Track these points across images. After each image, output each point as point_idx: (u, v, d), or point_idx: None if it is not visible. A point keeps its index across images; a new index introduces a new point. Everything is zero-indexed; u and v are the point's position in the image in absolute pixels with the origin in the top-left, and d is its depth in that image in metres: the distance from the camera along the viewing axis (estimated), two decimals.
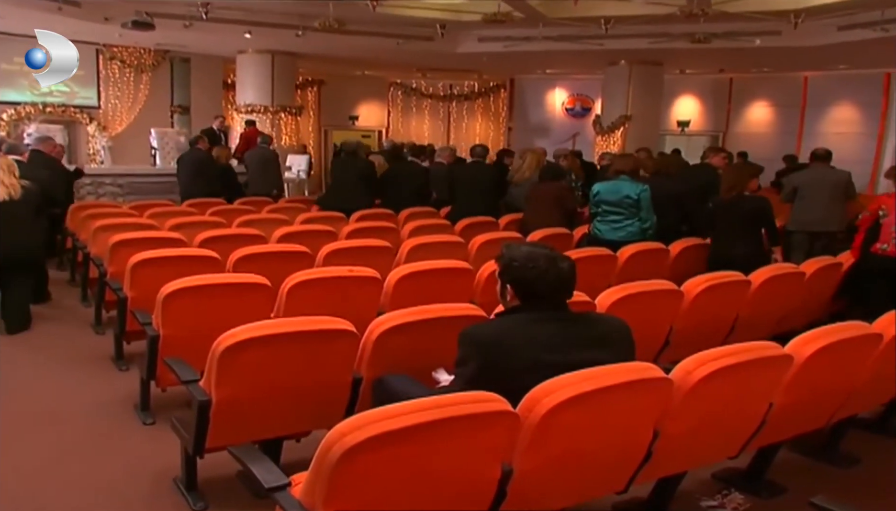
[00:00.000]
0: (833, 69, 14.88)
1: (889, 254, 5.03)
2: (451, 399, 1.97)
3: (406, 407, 1.90)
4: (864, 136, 15.04)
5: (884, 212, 5.16)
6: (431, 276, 4.25)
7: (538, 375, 2.21)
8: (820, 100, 15.59)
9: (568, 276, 2.44)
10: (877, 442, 3.71)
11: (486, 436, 2.03)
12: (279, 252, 4.79)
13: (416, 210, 7.41)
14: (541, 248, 2.50)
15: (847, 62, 14.15)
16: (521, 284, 2.43)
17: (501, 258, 2.52)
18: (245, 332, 2.71)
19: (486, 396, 2.02)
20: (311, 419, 3.04)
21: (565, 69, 16.63)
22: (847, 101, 15.39)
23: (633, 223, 5.70)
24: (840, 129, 15.25)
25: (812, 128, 15.62)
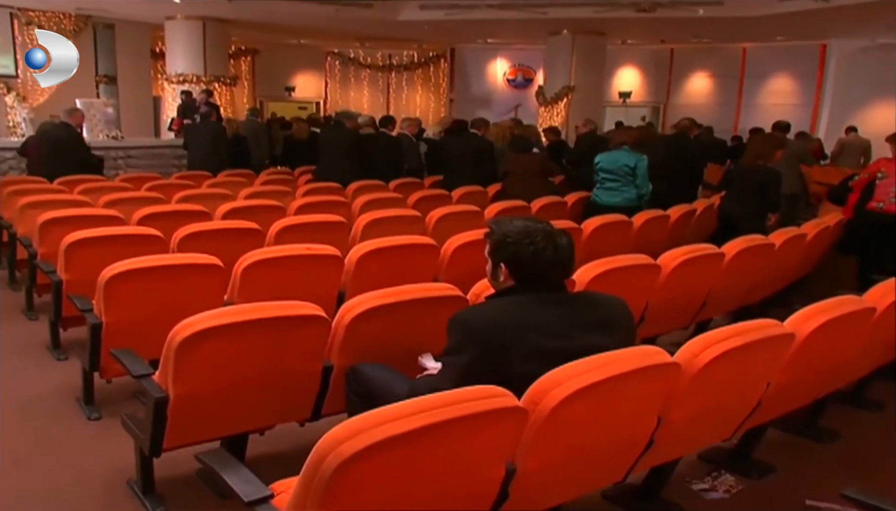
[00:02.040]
0: (771, 41, 15.08)
1: (886, 211, 5.50)
2: (454, 396, 1.74)
3: (406, 408, 1.67)
4: (801, 107, 15.34)
5: (882, 174, 5.63)
6: (394, 253, 4.01)
7: (539, 364, 2.00)
8: (758, 71, 15.81)
9: (567, 253, 2.23)
10: (853, 415, 3.65)
11: (492, 434, 1.82)
12: (227, 229, 4.46)
13: (365, 183, 7.11)
14: (535, 222, 2.28)
15: (784, 33, 14.33)
16: (517, 263, 2.21)
17: (492, 234, 2.28)
18: (204, 321, 2.42)
19: (492, 391, 1.80)
20: (279, 412, 2.78)
21: (507, 39, 16.43)
22: (784, 72, 15.65)
23: (629, 190, 6.10)
24: (777, 100, 15.50)
25: (750, 99, 15.85)
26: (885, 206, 5.55)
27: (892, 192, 5.50)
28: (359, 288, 3.86)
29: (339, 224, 4.91)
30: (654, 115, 16.98)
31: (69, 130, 7.45)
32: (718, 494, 2.85)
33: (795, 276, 5.38)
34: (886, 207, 5.54)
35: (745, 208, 5.63)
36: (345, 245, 4.62)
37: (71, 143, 7.46)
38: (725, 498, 2.83)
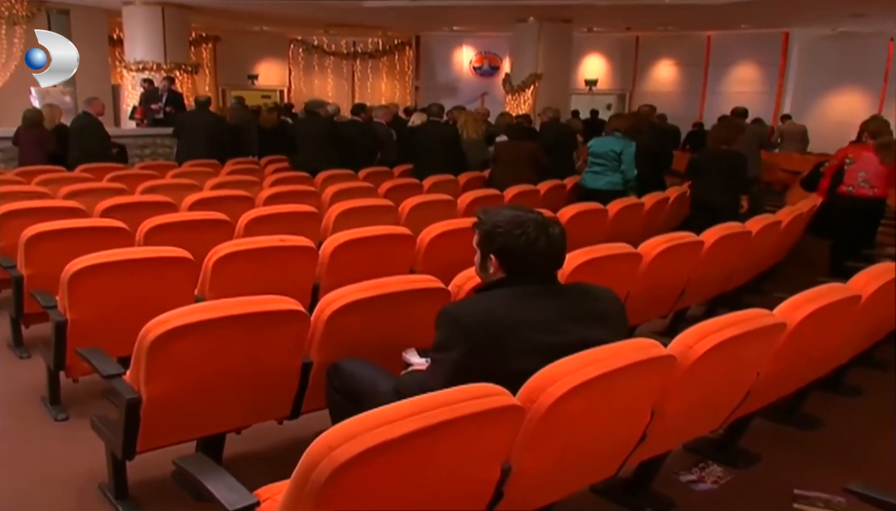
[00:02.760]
0: (735, 28, 15.18)
1: (855, 194, 5.75)
2: (450, 396, 1.66)
3: (400, 409, 1.58)
4: (764, 95, 15.49)
5: (850, 160, 5.85)
6: (369, 244, 3.91)
7: (534, 359, 1.93)
8: (722, 59, 15.93)
9: (560, 243, 2.15)
10: (833, 401, 3.65)
11: (489, 434, 1.74)
12: (195, 221, 4.30)
13: (334, 172, 6.98)
14: (525, 211, 2.20)
15: (748, 21, 14.43)
16: (508, 254, 2.12)
17: (481, 224, 2.20)
18: (178, 318, 2.31)
19: (488, 390, 1.72)
20: (257, 411, 2.67)
21: (473, 26, 16.32)
22: (748, 60, 15.79)
23: (614, 175, 6.28)
24: (741, 87, 15.64)
25: (715, 86, 15.97)
26: (855, 190, 5.78)
27: (859, 177, 5.76)
28: (334, 280, 3.79)
29: (310, 214, 4.78)
30: (619, 102, 17.04)
31: (89, 119, 7.70)
32: (707, 486, 2.81)
33: (770, 262, 5.39)
34: (856, 191, 5.78)
35: (719, 193, 5.82)
36: (316, 236, 4.52)
37: (92, 131, 7.69)
38: (714, 489, 2.80)
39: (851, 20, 13.81)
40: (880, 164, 5.69)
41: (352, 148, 7.95)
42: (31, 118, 7.81)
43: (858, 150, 5.95)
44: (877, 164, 5.70)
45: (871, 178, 5.73)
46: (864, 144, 5.99)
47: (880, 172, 5.70)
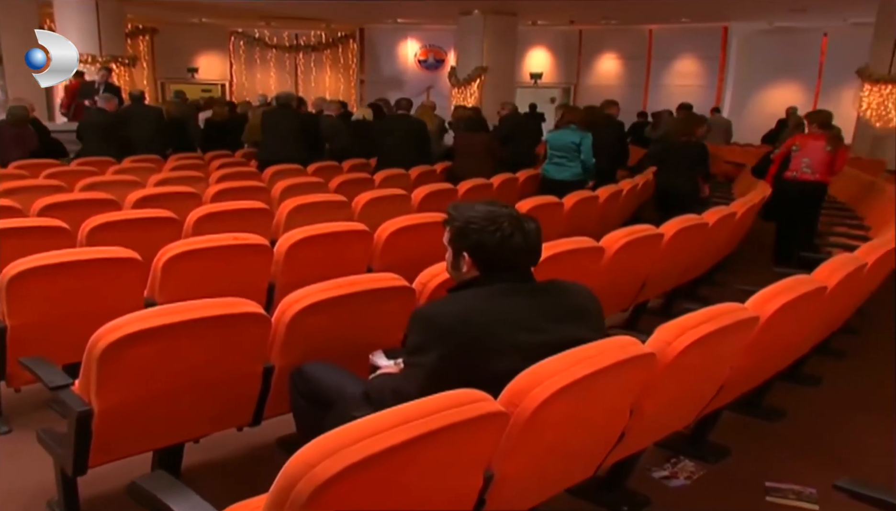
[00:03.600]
0: (676, 22, 15.38)
1: (799, 179, 6.19)
2: (433, 405, 1.56)
3: (381, 421, 1.48)
4: (706, 88, 15.76)
5: (797, 147, 6.31)
6: (325, 241, 3.78)
7: (514, 359, 1.85)
8: (664, 53, 16.14)
9: (535, 238, 2.07)
10: (794, 391, 3.67)
11: (473, 442, 1.66)
12: (141, 219, 4.10)
13: (283, 168, 6.79)
14: (499, 206, 2.11)
15: (688, 15, 14.65)
16: (482, 252, 2.03)
17: (453, 221, 2.10)
18: (131, 324, 2.15)
19: (471, 396, 1.63)
20: (217, 419, 2.53)
21: (417, 18, 16.20)
22: (689, 53, 16.04)
23: (575, 165, 6.55)
24: (683, 81, 15.88)
25: (658, 80, 16.18)
26: (798, 174, 6.22)
27: (803, 163, 6.21)
28: (290, 279, 3.65)
29: (261, 211, 4.62)
30: (564, 95, 17.13)
31: None
32: (680, 481, 2.78)
33: (725, 253, 5.44)
34: (799, 176, 6.21)
35: (681, 181, 6.23)
36: (268, 233, 4.37)
37: None
38: (687, 485, 2.77)
39: (787, 15, 14.14)
40: (824, 152, 6.14)
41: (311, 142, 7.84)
42: (17, 115, 7.43)
43: (805, 139, 6.37)
44: (821, 151, 6.14)
45: (814, 165, 6.16)
46: (811, 134, 6.39)
47: (823, 160, 6.14)
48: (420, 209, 5.38)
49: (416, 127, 7.83)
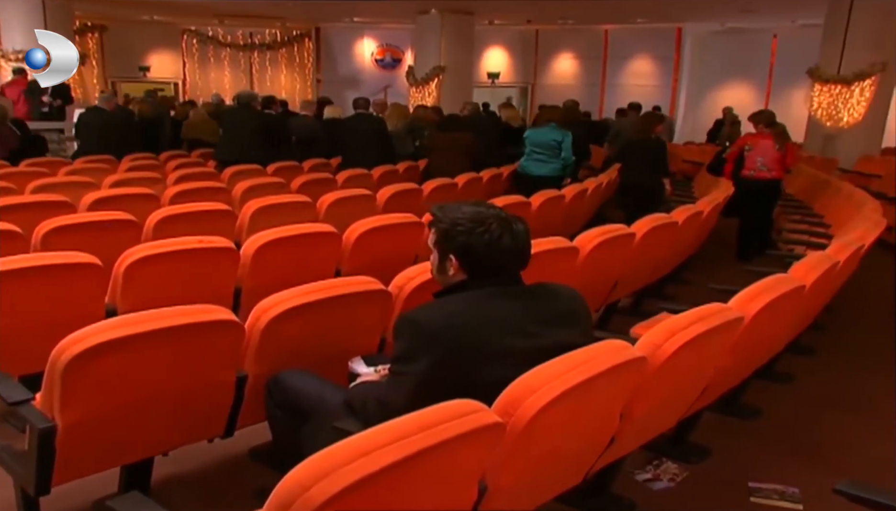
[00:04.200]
0: (631, 23, 15.51)
1: (756, 177, 6.60)
2: (430, 417, 1.48)
3: (377, 437, 1.40)
4: (661, 88, 15.94)
5: (749, 147, 6.76)
6: (293, 243, 3.67)
7: (507, 366, 1.79)
8: (620, 53, 16.28)
9: (525, 240, 2.00)
10: (768, 389, 3.67)
11: (471, 455, 1.58)
12: (98, 222, 3.92)
13: (243, 168, 6.63)
14: (486, 206, 2.04)
15: (644, 16, 14.79)
16: (470, 254, 1.96)
17: (439, 222, 2.02)
18: (96, 334, 2.03)
19: (468, 407, 1.56)
20: (188, 431, 2.41)
21: (373, 17, 16.07)
22: (644, 54, 16.21)
23: (555, 162, 6.73)
24: (639, 81, 16.03)
25: (614, 80, 16.31)
26: (755, 173, 6.63)
27: (758, 162, 6.63)
28: (257, 283, 3.54)
29: (224, 213, 4.48)
30: (522, 95, 17.16)
31: None
32: (664, 484, 2.75)
33: (691, 251, 5.46)
34: (756, 174, 6.63)
35: (645, 176, 6.51)
36: (231, 235, 4.23)
37: None
38: (671, 487, 2.74)
39: (738, 16, 14.37)
40: (775, 151, 6.60)
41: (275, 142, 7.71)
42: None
43: (756, 138, 6.82)
44: (772, 150, 6.61)
45: (769, 163, 6.60)
46: (760, 133, 6.83)
47: (776, 157, 6.60)
48: (386, 209, 5.29)
49: (376, 126, 7.82)
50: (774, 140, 6.63)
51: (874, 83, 10.48)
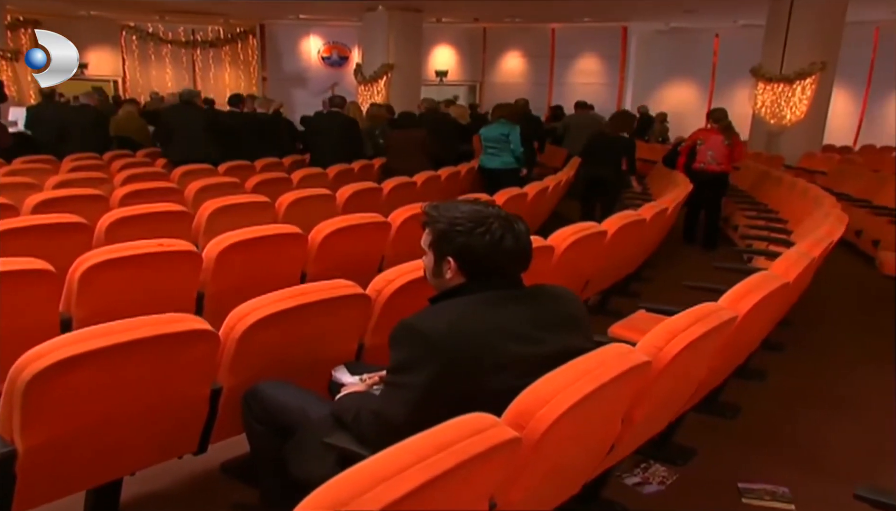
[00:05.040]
0: (578, 21, 15.59)
1: (707, 170, 7.06)
2: (445, 435, 1.37)
3: (395, 459, 1.29)
4: (608, 86, 16.07)
5: (701, 141, 7.23)
6: (258, 246, 3.51)
7: (514, 375, 1.69)
8: (567, 51, 16.36)
9: (527, 240, 1.90)
10: (742, 386, 3.64)
11: (487, 472, 1.47)
12: (46, 225, 3.68)
13: (193, 167, 6.40)
14: (484, 205, 1.93)
15: (590, 15, 14.87)
16: (470, 256, 1.84)
17: (435, 222, 1.90)
18: (59, 349, 1.85)
19: (483, 421, 1.46)
20: (159, 450, 2.25)
21: (319, 15, 15.80)
22: (591, 52, 16.31)
23: (507, 155, 7.10)
24: (586, 79, 16.13)
25: (561, 78, 16.38)
26: (706, 166, 7.10)
27: (708, 155, 7.10)
28: (220, 287, 3.38)
29: (179, 214, 4.29)
30: (470, 93, 17.10)
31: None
32: (654, 487, 2.69)
33: (654, 248, 5.45)
34: (707, 167, 7.09)
35: (608, 171, 6.84)
36: (188, 238, 4.05)
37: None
38: (661, 490, 2.68)
39: (681, 16, 14.57)
40: (724, 146, 7.06)
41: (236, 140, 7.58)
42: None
43: (707, 134, 7.32)
44: (721, 144, 7.06)
45: (718, 157, 7.07)
46: (711, 129, 7.32)
47: (724, 152, 7.07)
48: (346, 209, 5.15)
49: (347, 124, 7.88)
50: (723, 136, 7.09)
51: (815, 82, 10.69)
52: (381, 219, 4.17)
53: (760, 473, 2.78)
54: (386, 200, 5.70)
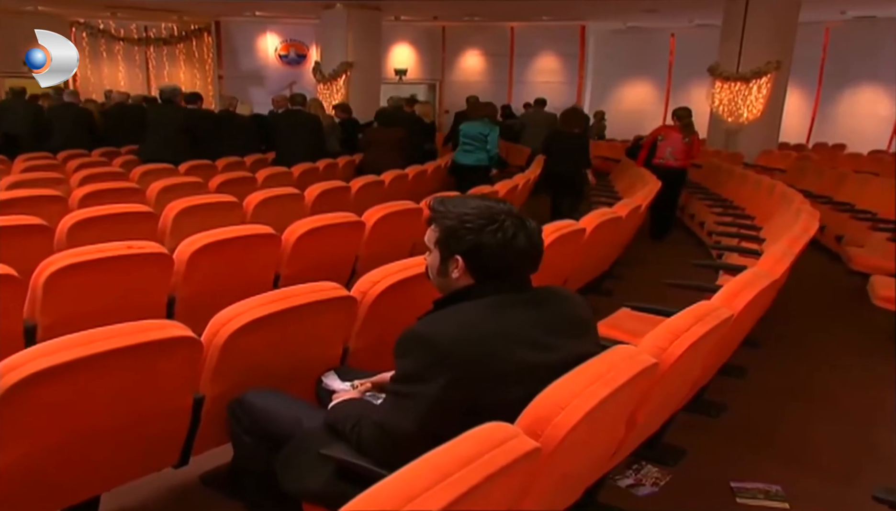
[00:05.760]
0: (536, 21, 15.61)
1: (665, 165, 7.31)
2: (468, 449, 1.29)
3: (418, 477, 1.21)
4: (567, 85, 16.13)
5: (662, 137, 7.52)
6: (231, 247, 3.39)
7: (527, 383, 1.61)
8: (526, 50, 16.38)
9: (539, 240, 1.80)
10: (724, 383, 3.61)
11: (508, 486, 1.40)
12: (4, 227, 3.51)
13: (152, 167, 6.21)
14: (494, 201, 1.82)
15: (548, 14, 14.89)
16: (480, 256, 1.73)
17: (442, 218, 1.78)
18: (35, 360, 1.72)
19: (504, 432, 1.39)
20: (139, 465, 2.13)
21: (276, 12, 15.54)
22: (550, 51, 16.36)
23: (481, 153, 7.27)
24: (545, 78, 16.17)
25: (521, 76, 16.38)
26: (665, 161, 7.37)
27: (667, 152, 7.39)
28: (192, 291, 3.26)
29: (144, 215, 4.14)
30: (430, 92, 17.01)
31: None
32: (648, 489, 2.64)
33: (626, 244, 5.45)
34: (665, 163, 7.35)
35: (568, 166, 7.11)
36: (153, 239, 3.90)
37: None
38: (655, 491, 2.63)
39: (641, 15, 14.69)
40: (683, 142, 7.35)
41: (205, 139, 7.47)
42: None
43: (668, 130, 7.62)
44: (680, 141, 7.36)
45: (676, 153, 7.36)
46: (672, 126, 7.59)
47: (682, 148, 7.36)
48: (315, 207, 5.04)
49: (310, 122, 7.96)
50: (680, 131, 7.39)
51: (770, 80, 10.84)
52: (355, 218, 4.08)
53: (751, 472, 2.75)
54: (355, 199, 5.60)
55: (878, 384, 3.76)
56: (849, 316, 4.92)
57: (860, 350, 4.26)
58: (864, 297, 4.84)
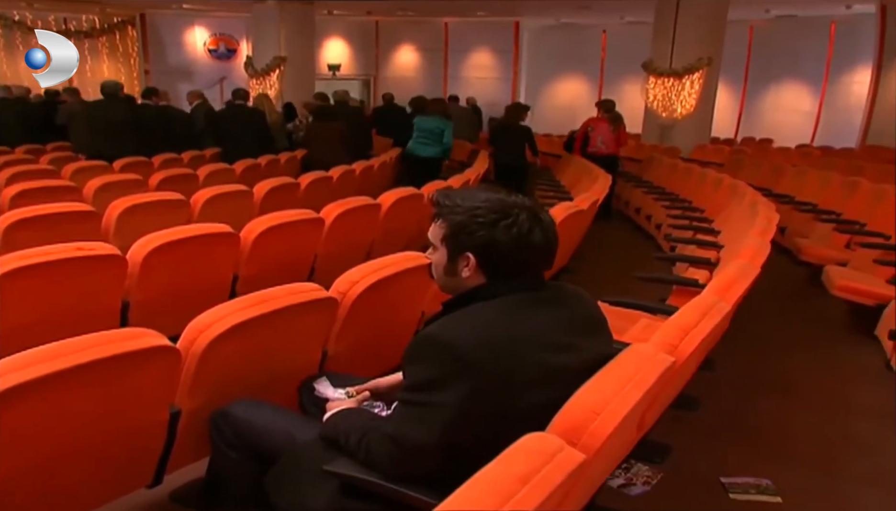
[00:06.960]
0: (471, 16, 15.59)
1: (598, 153, 8.08)
2: (521, 465, 1.18)
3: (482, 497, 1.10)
4: (502, 80, 16.16)
5: (591, 128, 8.34)
6: (187, 247, 3.19)
7: (549, 388, 1.51)
8: (461, 45, 16.35)
9: (554, 234, 1.68)
10: (696, 377, 3.61)
11: (558, 501, 1.28)
12: None
13: (86, 165, 5.89)
14: (505, 193, 1.70)
15: (483, 9, 14.89)
16: (494, 253, 1.61)
17: (451, 212, 1.64)
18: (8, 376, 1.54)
19: (550, 444, 1.28)
20: (110, 487, 1.93)
21: (204, 5, 15.07)
22: (484, 46, 16.37)
23: (435, 146, 7.74)
24: (480, 73, 16.17)
25: (456, 72, 16.34)
26: (597, 150, 8.15)
27: (599, 141, 8.21)
28: (148, 295, 3.06)
29: (86, 214, 3.89)
30: (364, 87, 16.79)
31: None
32: (640, 488, 2.58)
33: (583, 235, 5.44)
34: (598, 151, 8.13)
35: (515, 156, 8.04)
36: (97, 240, 3.65)
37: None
38: (648, 490, 2.57)
39: (573, 12, 14.83)
40: (610, 132, 8.19)
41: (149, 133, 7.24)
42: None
43: (596, 122, 8.43)
44: (608, 131, 8.19)
45: (606, 141, 8.19)
46: (600, 118, 8.41)
47: (611, 137, 8.21)
48: (264, 205, 4.85)
49: (255, 118, 7.94)
50: (609, 124, 8.22)
51: (702, 76, 11.03)
52: (313, 215, 3.91)
53: (738, 466, 2.73)
54: (304, 195, 5.42)
55: (840, 373, 3.81)
56: (803, 305, 5.00)
57: (818, 339, 4.31)
58: (814, 287, 4.95)
